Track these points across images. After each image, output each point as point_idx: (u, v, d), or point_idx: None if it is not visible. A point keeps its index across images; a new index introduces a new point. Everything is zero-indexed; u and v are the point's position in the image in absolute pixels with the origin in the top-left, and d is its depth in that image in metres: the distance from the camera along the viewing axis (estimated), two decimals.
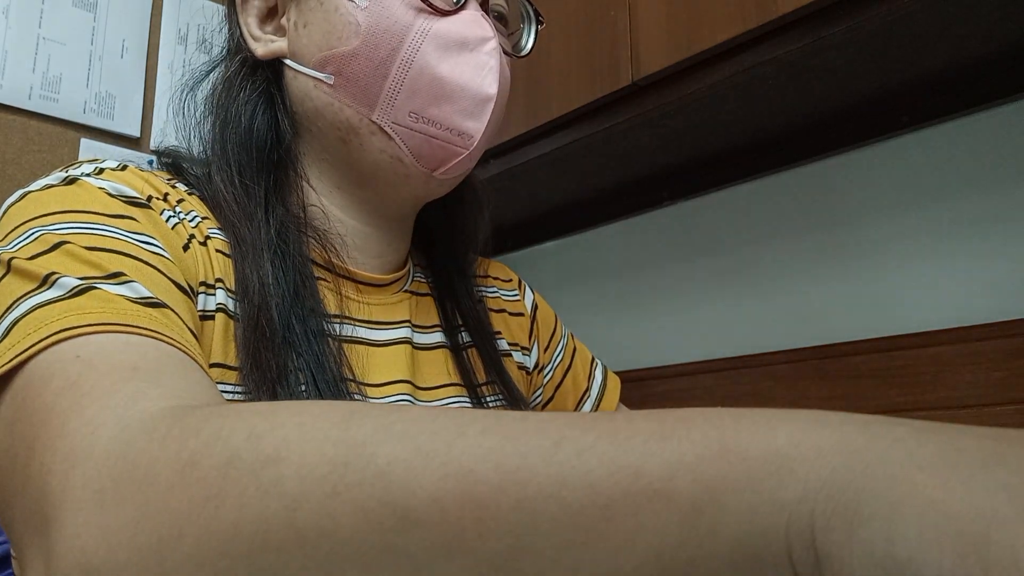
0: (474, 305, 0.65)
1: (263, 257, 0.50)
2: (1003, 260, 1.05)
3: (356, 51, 0.52)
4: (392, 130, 0.53)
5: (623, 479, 0.24)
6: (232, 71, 0.58)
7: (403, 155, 0.54)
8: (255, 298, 0.48)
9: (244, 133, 0.55)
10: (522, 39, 0.62)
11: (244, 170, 0.53)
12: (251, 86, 0.57)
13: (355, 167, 0.56)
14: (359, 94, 0.53)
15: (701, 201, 1.40)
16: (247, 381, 0.46)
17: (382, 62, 0.52)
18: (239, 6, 0.58)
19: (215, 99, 0.57)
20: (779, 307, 1.27)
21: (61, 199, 0.44)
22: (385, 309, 0.59)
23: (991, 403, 1.00)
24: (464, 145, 0.54)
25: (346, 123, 0.54)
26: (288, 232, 0.52)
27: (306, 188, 0.57)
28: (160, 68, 1.59)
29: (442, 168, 0.54)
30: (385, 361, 0.56)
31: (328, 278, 0.56)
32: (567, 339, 0.75)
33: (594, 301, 1.55)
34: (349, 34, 0.52)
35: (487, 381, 0.62)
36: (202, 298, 0.47)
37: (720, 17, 0.96)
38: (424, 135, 0.53)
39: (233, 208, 0.52)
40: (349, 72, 0.53)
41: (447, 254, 0.66)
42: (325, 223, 0.56)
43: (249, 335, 0.47)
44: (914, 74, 1.05)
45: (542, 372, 0.71)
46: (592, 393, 0.73)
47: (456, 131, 0.53)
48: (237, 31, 0.58)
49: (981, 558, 0.19)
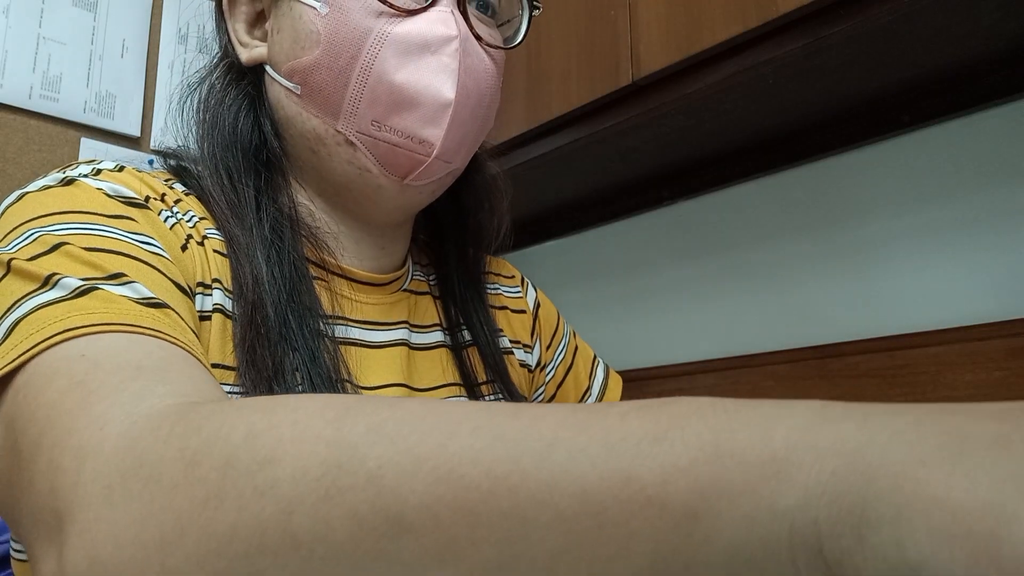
0: (480, 305, 0.65)
1: (257, 255, 0.50)
2: (1003, 260, 1.05)
3: (318, 61, 0.52)
4: (357, 139, 0.52)
5: (615, 484, 0.23)
6: (219, 76, 0.58)
7: (370, 164, 0.53)
8: (250, 295, 0.48)
9: (229, 135, 0.55)
10: (514, 24, 0.60)
11: (232, 172, 0.53)
12: (235, 90, 0.57)
13: (328, 177, 0.55)
14: (323, 104, 0.52)
15: (701, 201, 1.40)
16: (244, 379, 0.46)
17: (342, 71, 0.51)
18: (227, 12, 0.58)
19: (204, 104, 0.57)
20: (779, 307, 1.27)
21: (59, 200, 0.44)
22: (381, 309, 0.58)
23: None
24: (425, 152, 0.52)
25: (313, 133, 0.54)
26: (282, 230, 0.53)
27: (295, 188, 0.57)
28: (160, 68, 1.59)
29: (411, 175, 0.53)
30: (380, 363, 0.56)
31: (323, 276, 0.56)
32: (569, 337, 0.75)
33: (594, 301, 1.55)
34: (311, 43, 0.52)
35: (487, 380, 0.62)
36: (199, 299, 0.47)
37: (720, 17, 0.96)
38: (388, 143, 0.52)
39: (224, 208, 0.52)
40: (313, 82, 0.52)
41: (455, 254, 0.65)
42: (315, 222, 0.56)
43: (245, 332, 0.47)
44: (914, 74, 1.05)
45: (544, 370, 0.71)
46: (594, 391, 0.73)
47: (416, 139, 0.52)
48: (226, 37, 0.58)
49: (993, 558, 0.18)
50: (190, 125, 0.57)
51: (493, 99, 0.57)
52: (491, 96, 0.56)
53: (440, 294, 0.65)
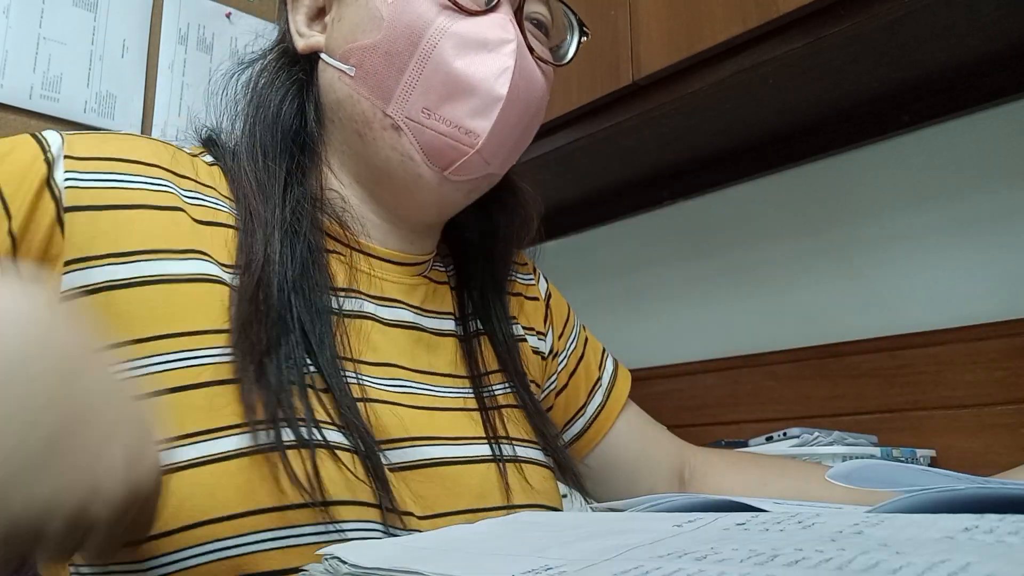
0: (498, 295, 0.65)
1: (275, 234, 0.51)
2: (1003, 259, 1.05)
3: (377, 44, 0.53)
4: (405, 124, 0.54)
5: None
6: (271, 60, 0.60)
7: (413, 152, 0.54)
8: (257, 271, 0.49)
9: (272, 117, 0.57)
10: (563, 47, 0.63)
11: (268, 151, 0.55)
12: (286, 75, 0.59)
13: (370, 163, 0.57)
14: (376, 87, 0.54)
15: (701, 201, 1.40)
16: (235, 351, 0.47)
17: (400, 55, 0.53)
18: (289, 3, 0.60)
19: (253, 84, 0.59)
20: (780, 307, 1.28)
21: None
22: (401, 288, 0.59)
23: (992, 402, 1.00)
24: (470, 144, 0.53)
25: (361, 116, 0.55)
26: (303, 210, 0.54)
27: (327, 175, 0.58)
28: (160, 68, 1.59)
29: (452, 167, 0.55)
30: (388, 341, 0.56)
31: (342, 251, 0.57)
32: (579, 328, 0.76)
33: (594, 301, 1.55)
34: (372, 27, 0.54)
35: (497, 370, 0.62)
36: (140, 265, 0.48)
37: (720, 17, 0.97)
38: (434, 131, 0.53)
39: (252, 185, 0.53)
40: (369, 64, 0.54)
41: (481, 254, 0.66)
42: (344, 206, 0.57)
43: (242, 307, 0.48)
44: (914, 74, 1.05)
45: (556, 358, 0.71)
46: (603, 383, 0.73)
47: (463, 129, 0.53)
48: (285, 26, 0.60)
49: None
50: (235, 100, 0.59)
51: (538, 112, 0.59)
52: (537, 107, 0.58)
53: (457, 284, 0.65)
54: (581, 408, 0.71)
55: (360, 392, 0.51)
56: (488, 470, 0.54)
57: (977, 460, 1.00)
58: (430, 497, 0.50)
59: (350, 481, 0.46)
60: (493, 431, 0.57)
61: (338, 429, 0.47)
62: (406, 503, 0.49)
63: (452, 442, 0.54)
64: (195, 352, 0.46)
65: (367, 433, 0.48)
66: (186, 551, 0.42)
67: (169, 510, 0.42)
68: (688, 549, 0.27)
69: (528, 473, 0.57)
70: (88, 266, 0.47)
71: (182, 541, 0.42)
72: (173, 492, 0.42)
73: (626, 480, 0.71)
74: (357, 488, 0.46)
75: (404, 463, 0.50)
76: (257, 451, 0.44)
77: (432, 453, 0.52)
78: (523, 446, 0.58)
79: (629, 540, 0.30)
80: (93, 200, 0.48)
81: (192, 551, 0.42)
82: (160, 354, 0.46)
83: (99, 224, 0.47)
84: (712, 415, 1.31)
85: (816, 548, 0.25)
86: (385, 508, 0.47)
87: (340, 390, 0.49)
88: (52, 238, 0.46)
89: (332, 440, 0.47)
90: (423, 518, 0.49)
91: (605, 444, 0.71)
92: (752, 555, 0.26)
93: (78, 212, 0.47)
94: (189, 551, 0.42)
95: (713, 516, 0.34)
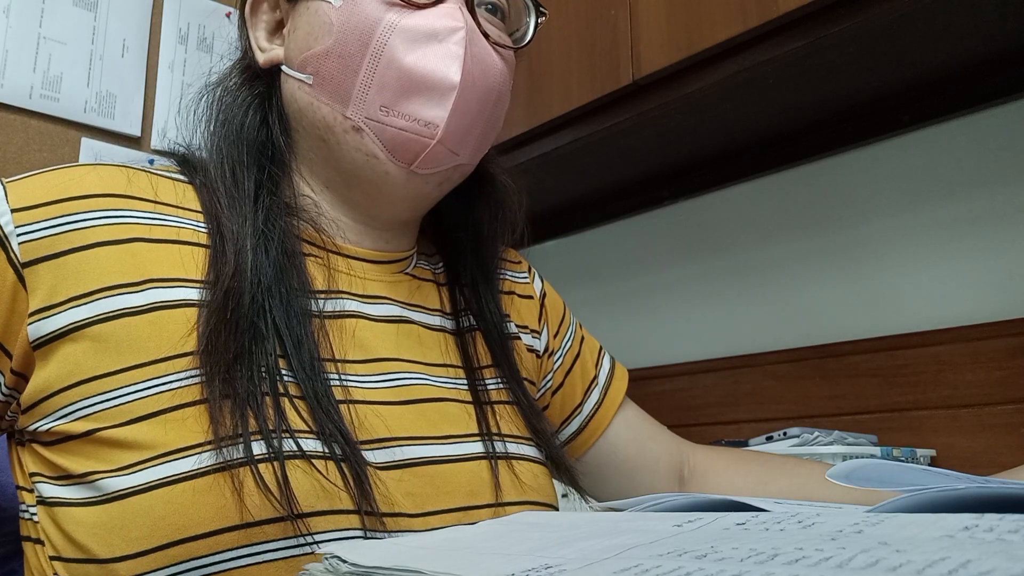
0: (489, 291, 0.65)
1: (247, 244, 0.51)
2: (1003, 259, 1.05)
3: (330, 49, 0.54)
4: (365, 124, 0.54)
5: None
6: (235, 77, 0.61)
7: (377, 150, 0.55)
8: (226, 282, 0.49)
9: (236, 131, 0.58)
10: (521, 30, 0.63)
11: (236, 165, 0.56)
12: (248, 90, 0.60)
13: (338, 167, 0.57)
14: (334, 91, 0.55)
15: (701, 201, 1.40)
16: (202, 361, 0.47)
17: (352, 57, 0.54)
18: (248, 20, 0.61)
19: (218, 102, 0.60)
20: (779, 307, 1.28)
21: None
22: (382, 286, 0.59)
23: (992, 402, 1.00)
24: (430, 135, 0.54)
25: (323, 121, 0.56)
26: (276, 218, 0.55)
27: (299, 183, 0.59)
28: (160, 68, 1.59)
29: (417, 161, 0.55)
30: (378, 336, 0.56)
31: (319, 255, 0.57)
32: (575, 327, 0.76)
33: (594, 300, 1.55)
34: (324, 33, 0.55)
35: (490, 365, 0.62)
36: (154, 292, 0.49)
37: (720, 17, 0.97)
38: (395, 128, 0.54)
39: (222, 199, 0.54)
40: (325, 71, 0.55)
41: (468, 249, 0.66)
42: (318, 211, 0.58)
43: (211, 320, 0.48)
44: (914, 74, 1.05)
45: (552, 357, 0.71)
46: (600, 381, 0.73)
47: (422, 121, 0.53)
48: (246, 43, 0.62)
49: None
50: (202, 121, 0.60)
51: (501, 96, 0.58)
52: (499, 92, 0.58)
53: (447, 281, 0.65)
54: (577, 406, 0.71)
55: (343, 394, 0.51)
56: (479, 467, 0.54)
57: (977, 460, 1.00)
58: (421, 495, 0.50)
59: (327, 490, 0.46)
60: (487, 427, 0.57)
61: (315, 436, 0.47)
62: (398, 501, 0.49)
63: (440, 441, 0.54)
64: (163, 378, 0.46)
65: (344, 437, 0.48)
66: (162, 571, 0.42)
67: (144, 529, 0.42)
68: (688, 548, 0.27)
69: (520, 470, 0.57)
70: (51, 313, 0.47)
71: (159, 560, 0.42)
72: (148, 512, 0.42)
73: (624, 478, 0.71)
74: (335, 496, 0.46)
75: (392, 462, 0.50)
76: (226, 467, 0.44)
77: (420, 452, 0.52)
78: (516, 442, 0.58)
79: (629, 539, 0.30)
80: (50, 249, 0.48)
81: (168, 570, 0.42)
82: (128, 385, 0.46)
83: (59, 271, 0.48)
84: (712, 415, 1.31)
85: (816, 547, 0.26)
86: (364, 512, 0.46)
87: (316, 394, 0.48)
88: (16, 296, 0.47)
89: (308, 449, 0.46)
90: (415, 516, 0.49)
91: (602, 442, 0.71)
92: (752, 554, 0.26)
93: (37, 264, 0.48)
94: (165, 571, 0.42)
95: (713, 516, 0.34)
